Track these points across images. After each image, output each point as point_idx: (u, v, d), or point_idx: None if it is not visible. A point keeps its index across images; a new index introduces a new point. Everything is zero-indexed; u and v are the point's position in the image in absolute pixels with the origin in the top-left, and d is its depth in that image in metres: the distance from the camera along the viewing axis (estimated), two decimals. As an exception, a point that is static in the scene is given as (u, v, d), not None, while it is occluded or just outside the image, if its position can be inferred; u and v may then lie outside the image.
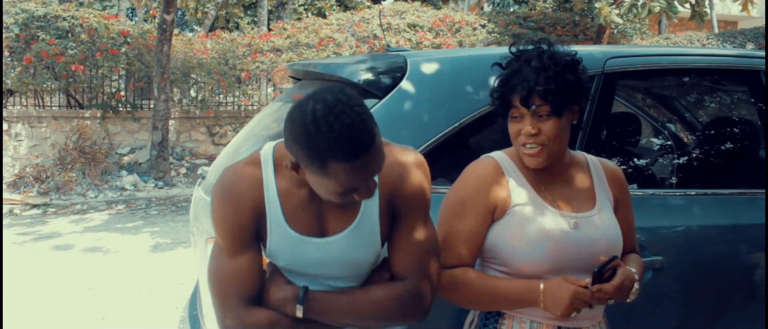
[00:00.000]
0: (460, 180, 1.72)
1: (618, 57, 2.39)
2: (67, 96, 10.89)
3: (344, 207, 1.54)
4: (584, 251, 1.61)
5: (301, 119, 1.31)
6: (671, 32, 18.14)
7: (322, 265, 1.56)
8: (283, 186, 1.52)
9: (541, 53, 1.62)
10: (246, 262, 1.52)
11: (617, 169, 1.81)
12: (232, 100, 12.14)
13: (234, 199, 1.50)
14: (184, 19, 25.36)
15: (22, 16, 10.50)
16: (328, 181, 1.36)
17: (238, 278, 1.52)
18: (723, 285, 2.33)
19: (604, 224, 1.67)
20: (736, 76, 2.82)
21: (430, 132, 2.12)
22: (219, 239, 1.54)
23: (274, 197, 1.51)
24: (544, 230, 1.61)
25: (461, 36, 13.41)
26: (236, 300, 1.52)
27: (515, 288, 1.61)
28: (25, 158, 10.10)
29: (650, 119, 3.13)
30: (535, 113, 1.58)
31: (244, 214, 1.51)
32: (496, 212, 1.67)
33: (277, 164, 1.53)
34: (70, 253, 6.41)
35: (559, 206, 1.66)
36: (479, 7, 22.01)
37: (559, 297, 1.54)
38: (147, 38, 11.40)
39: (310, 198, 1.52)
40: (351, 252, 1.55)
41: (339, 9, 20.41)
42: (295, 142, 1.33)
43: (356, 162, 1.31)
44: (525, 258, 1.61)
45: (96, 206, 9.10)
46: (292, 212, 1.53)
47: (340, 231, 1.55)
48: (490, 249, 1.68)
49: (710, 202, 2.40)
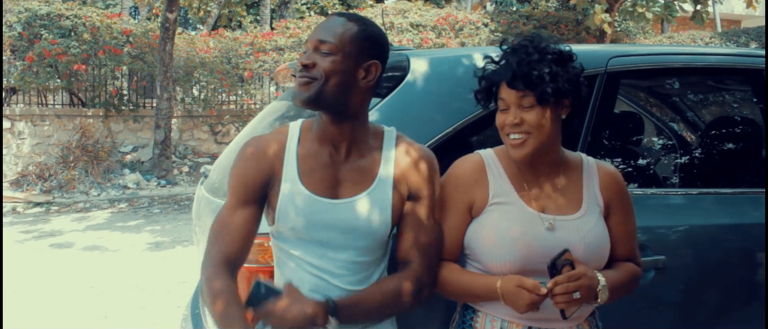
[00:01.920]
0: (445, 176, 1.73)
1: (621, 56, 2.38)
2: (70, 95, 10.91)
3: (360, 175, 1.62)
4: (553, 255, 1.57)
5: (377, 29, 1.63)
6: (674, 31, 18.12)
7: (331, 229, 1.60)
8: (304, 149, 1.62)
9: (526, 44, 1.63)
10: (240, 218, 1.60)
11: (615, 174, 1.77)
12: (234, 99, 12.16)
13: (253, 158, 1.62)
14: (187, 17, 25.39)
15: (25, 14, 10.53)
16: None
17: (227, 231, 1.60)
18: (726, 284, 2.32)
19: (585, 229, 1.64)
20: (739, 76, 2.81)
21: (432, 131, 2.11)
22: (228, 192, 1.64)
23: (293, 156, 1.61)
24: (516, 230, 1.61)
25: (464, 35, 13.41)
26: (219, 254, 1.58)
27: (477, 284, 1.63)
28: (28, 156, 10.12)
29: (653, 118, 3.13)
30: (519, 103, 1.58)
31: (257, 173, 1.61)
32: (474, 209, 1.68)
33: (303, 132, 1.65)
34: (72, 251, 6.43)
35: (538, 207, 1.65)
36: (482, 6, 21.99)
37: (514, 294, 1.54)
38: (149, 37, 11.41)
39: (329, 162, 1.61)
40: (361, 218, 1.59)
41: (342, 7, 20.41)
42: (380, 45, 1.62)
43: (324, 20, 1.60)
44: (496, 257, 1.62)
45: (98, 204, 9.11)
46: (308, 172, 1.60)
47: (353, 196, 1.60)
48: (467, 245, 1.70)
49: (713, 201, 2.39)
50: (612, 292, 1.59)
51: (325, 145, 1.62)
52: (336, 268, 1.63)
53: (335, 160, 1.62)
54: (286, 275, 1.68)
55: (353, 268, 1.64)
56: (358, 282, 1.64)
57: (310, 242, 1.62)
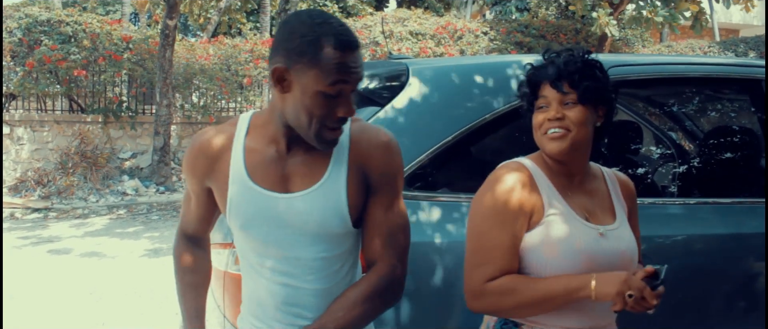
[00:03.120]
0: (492, 187, 1.65)
1: (620, 66, 2.39)
2: (70, 101, 10.91)
3: (310, 167, 1.53)
4: (614, 263, 1.59)
5: (294, 21, 1.44)
6: (673, 40, 18.17)
7: (285, 225, 1.52)
8: (251, 144, 1.56)
9: (571, 50, 1.67)
10: (194, 205, 1.70)
11: (629, 181, 1.81)
12: (234, 105, 12.17)
13: (199, 150, 1.60)
14: (187, 24, 25.43)
15: (26, 21, 10.54)
16: (318, 73, 1.39)
17: (187, 212, 1.74)
18: (724, 294, 2.33)
19: (626, 237, 1.66)
20: (737, 85, 2.82)
21: (431, 140, 2.12)
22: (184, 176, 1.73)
23: (240, 151, 1.55)
24: (577, 242, 1.59)
25: (463, 44, 13.44)
26: (181, 230, 1.78)
27: (563, 279, 1.56)
28: (27, 161, 10.12)
29: (651, 127, 3.13)
30: (561, 101, 1.60)
31: (203, 165, 1.59)
32: (533, 218, 1.62)
33: (253, 124, 1.58)
34: (71, 257, 6.42)
35: (585, 216, 1.65)
36: (481, 14, 22.05)
37: (612, 278, 1.51)
38: (149, 44, 11.43)
39: (276, 154, 1.54)
40: (314, 213, 1.51)
41: (341, 16, 20.47)
42: (286, 41, 1.42)
43: (349, 51, 1.40)
44: (557, 269, 1.58)
45: (97, 210, 9.10)
46: (256, 168, 1.54)
47: (304, 189, 1.52)
48: (522, 257, 1.63)
49: (711, 211, 2.40)
50: None
51: (272, 139, 1.54)
52: (300, 269, 1.56)
53: (281, 153, 1.54)
54: (250, 286, 1.64)
55: (319, 265, 1.56)
56: (326, 278, 1.57)
57: (267, 241, 1.55)
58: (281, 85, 1.44)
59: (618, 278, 1.51)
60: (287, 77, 1.42)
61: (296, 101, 1.43)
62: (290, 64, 1.41)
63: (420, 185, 2.12)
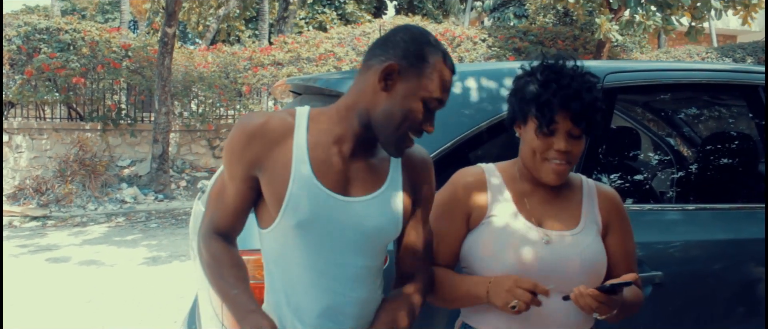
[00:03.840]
0: (445, 185, 1.75)
1: (616, 72, 2.39)
2: (68, 108, 10.91)
3: (371, 174, 1.55)
4: (555, 267, 1.60)
5: (415, 31, 1.51)
6: (671, 46, 18.22)
7: (343, 228, 1.51)
8: (313, 138, 1.52)
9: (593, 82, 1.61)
10: (232, 194, 1.55)
11: (613, 194, 1.78)
12: (232, 113, 12.17)
13: (255, 133, 1.50)
14: (186, 32, 25.48)
15: (25, 28, 10.55)
16: (430, 82, 1.46)
17: (220, 203, 1.58)
18: (722, 299, 2.33)
19: (582, 246, 1.64)
20: (734, 91, 2.83)
21: (428, 148, 2.12)
22: (224, 161, 1.56)
23: (303, 145, 1.50)
24: (513, 243, 1.62)
25: (462, 51, 13.46)
26: (210, 224, 1.60)
27: (469, 284, 1.64)
28: (26, 170, 10.11)
29: (649, 133, 3.14)
30: (569, 131, 1.58)
31: (256, 152, 1.50)
32: (471, 220, 1.69)
33: (312, 118, 1.55)
34: (69, 266, 6.41)
35: (536, 221, 1.66)
36: (479, 21, 22.10)
37: (500, 286, 1.54)
38: (148, 51, 11.44)
39: (340, 154, 1.52)
40: (373, 219, 1.53)
41: (340, 22, 20.52)
42: (407, 44, 1.47)
43: (449, 70, 1.50)
44: (492, 268, 1.62)
45: (96, 218, 9.09)
46: (319, 165, 1.50)
47: (366, 195, 1.53)
48: (464, 256, 1.71)
49: (708, 216, 2.40)
50: (620, 310, 1.60)
51: (338, 139, 1.52)
52: (347, 276, 1.54)
53: (344, 156, 1.52)
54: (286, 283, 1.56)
55: (364, 274, 1.56)
56: (364, 288, 1.57)
57: (318, 246, 1.51)
58: (385, 82, 1.47)
59: (504, 287, 1.53)
60: (396, 78, 1.46)
61: (395, 102, 1.46)
62: (406, 64, 1.46)
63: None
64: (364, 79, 1.49)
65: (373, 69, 1.47)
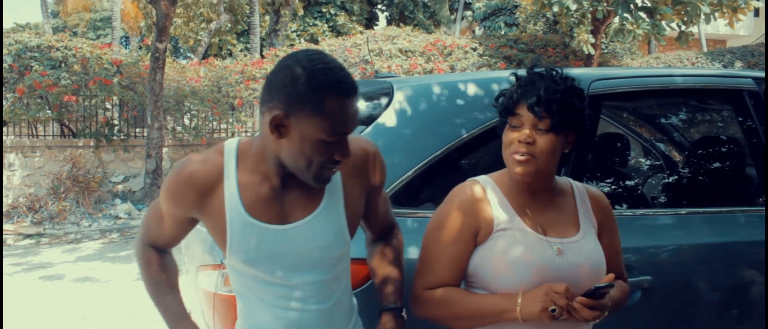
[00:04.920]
0: (444, 204, 1.74)
1: (601, 79, 2.42)
2: (61, 125, 10.90)
3: (306, 196, 1.54)
4: (568, 276, 1.62)
5: (294, 66, 1.39)
6: (661, 52, 18.34)
7: (288, 255, 1.53)
8: (244, 178, 1.53)
9: (554, 72, 1.68)
10: (168, 229, 1.65)
11: (602, 196, 1.83)
12: (225, 127, 12.18)
13: (187, 182, 1.53)
14: (178, 47, 25.50)
15: (16, 47, 10.55)
16: (320, 122, 1.38)
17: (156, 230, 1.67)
18: (713, 303, 2.34)
19: (588, 250, 1.68)
20: (719, 96, 2.86)
21: (417, 157, 2.14)
22: (161, 201, 1.61)
23: (234, 187, 1.51)
24: (526, 255, 1.62)
25: (453, 60, 13.51)
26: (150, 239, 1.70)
27: (495, 299, 1.63)
28: (19, 187, 10.09)
29: (635, 139, 3.17)
30: (535, 125, 1.61)
31: (190, 200, 1.54)
32: (479, 236, 1.68)
33: (241, 155, 1.55)
34: (64, 283, 6.38)
35: (542, 231, 1.68)
36: (470, 30, 22.21)
37: (534, 295, 1.56)
38: (140, 67, 11.45)
39: (271, 188, 1.53)
40: (315, 239, 1.54)
41: (332, 35, 20.57)
42: (286, 88, 1.39)
43: (350, 99, 1.41)
44: (506, 283, 1.62)
45: (90, 235, 9.07)
46: (253, 203, 1.51)
47: (305, 217, 1.54)
48: (473, 272, 1.69)
49: (694, 221, 2.42)
50: (611, 308, 1.63)
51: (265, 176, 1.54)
52: (299, 292, 1.58)
53: (275, 188, 1.53)
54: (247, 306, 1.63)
55: (323, 287, 1.59)
56: (325, 298, 1.60)
57: (268, 273, 1.55)
58: (278, 131, 1.42)
59: (539, 294, 1.55)
60: (285, 124, 1.41)
61: (294, 147, 1.43)
62: (290, 111, 1.39)
63: (407, 201, 2.13)
64: (264, 126, 1.45)
65: (265, 117, 1.43)
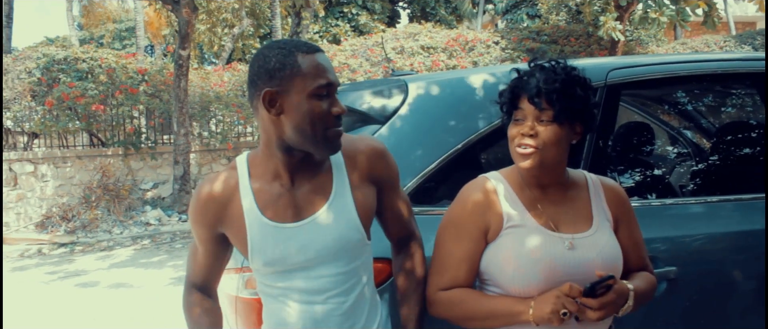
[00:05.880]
0: (455, 203, 1.74)
1: (619, 68, 2.39)
2: (90, 135, 11.09)
3: (316, 191, 1.63)
4: (578, 271, 1.60)
5: (261, 52, 1.56)
6: (687, 37, 18.02)
7: (306, 250, 1.61)
8: (256, 184, 1.63)
9: (555, 63, 1.67)
10: (203, 255, 1.74)
11: (618, 187, 1.80)
12: (251, 130, 12.27)
13: (207, 199, 1.64)
14: (203, 53, 25.77)
15: (44, 60, 10.75)
16: (302, 79, 1.51)
17: (195, 262, 1.77)
18: (739, 292, 2.30)
19: (601, 244, 1.66)
20: (745, 80, 2.80)
21: (433, 154, 2.13)
22: (192, 230, 1.72)
23: (249, 193, 1.62)
24: (535, 251, 1.61)
25: (475, 55, 13.45)
26: (188, 280, 1.80)
27: (508, 301, 1.63)
28: (52, 198, 10.28)
29: (660, 127, 3.12)
30: (537, 117, 1.60)
31: (213, 215, 1.65)
32: (490, 234, 1.68)
33: (251, 164, 1.66)
34: (98, 290, 6.50)
35: (554, 226, 1.66)
36: (493, 24, 22.08)
37: (546, 298, 1.55)
38: (164, 75, 11.59)
39: (283, 188, 1.62)
40: (329, 230, 1.62)
41: (354, 34, 20.61)
42: (262, 68, 1.53)
43: (319, 54, 1.54)
44: (517, 280, 1.61)
45: (121, 242, 9.21)
46: (268, 205, 1.62)
47: (315, 212, 1.62)
48: (485, 270, 1.69)
49: (724, 209, 2.38)
50: (637, 300, 1.62)
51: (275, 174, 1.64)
52: (322, 285, 1.64)
53: (286, 186, 1.63)
54: (271, 306, 1.70)
55: (343, 279, 1.66)
56: (347, 291, 1.67)
57: (289, 271, 1.64)
58: (273, 107, 1.53)
59: (551, 297, 1.54)
60: (277, 98, 1.52)
61: (294, 114, 1.53)
62: (274, 84, 1.52)
63: (426, 198, 2.13)
64: (260, 117, 1.57)
65: (258, 105, 1.55)
